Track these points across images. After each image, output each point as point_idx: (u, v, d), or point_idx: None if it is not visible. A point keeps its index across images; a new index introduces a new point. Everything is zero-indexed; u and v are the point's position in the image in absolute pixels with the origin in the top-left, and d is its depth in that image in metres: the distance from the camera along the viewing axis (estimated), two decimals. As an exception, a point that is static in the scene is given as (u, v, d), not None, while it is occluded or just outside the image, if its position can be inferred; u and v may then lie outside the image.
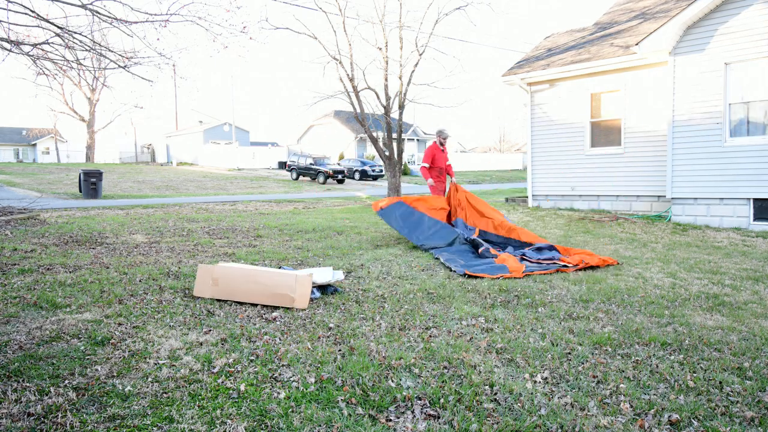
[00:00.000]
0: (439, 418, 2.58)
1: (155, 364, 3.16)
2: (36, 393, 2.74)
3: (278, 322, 3.99)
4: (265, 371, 3.06)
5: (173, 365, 3.14)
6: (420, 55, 15.73)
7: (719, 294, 4.93)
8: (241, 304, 4.48)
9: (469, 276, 5.60)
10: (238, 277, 4.57)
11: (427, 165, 8.81)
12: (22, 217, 10.27)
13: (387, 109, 16.05)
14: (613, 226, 9.88)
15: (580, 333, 3.81)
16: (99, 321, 3.94)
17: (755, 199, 9.48)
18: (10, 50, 8.94)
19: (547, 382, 2.98)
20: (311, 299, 4.58)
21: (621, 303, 4.64)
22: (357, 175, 34.14)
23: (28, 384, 2.84)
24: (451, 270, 5.95)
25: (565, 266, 5.97)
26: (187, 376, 2.99)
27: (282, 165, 40.89)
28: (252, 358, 3.27)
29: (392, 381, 2.95)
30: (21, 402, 2.64)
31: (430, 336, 3.71)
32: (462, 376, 3.03)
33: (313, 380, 2.95)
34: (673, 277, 5.69)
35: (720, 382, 2.97)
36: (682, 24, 9.80)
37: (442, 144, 8.92)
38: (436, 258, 6.61)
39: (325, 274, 4.98)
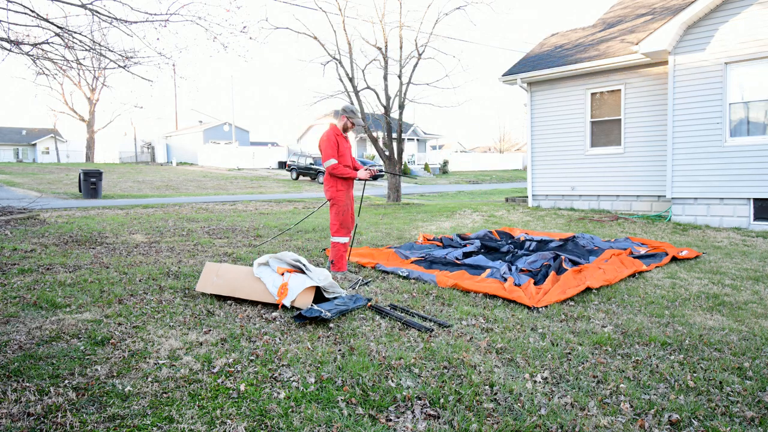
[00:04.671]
0: (439, 418, 2.58)
1: (155, 364, 3.16)
2: (36, 393, 2.74)
3: (278, 322, 3.99)
4: (265, 371, 3.06)
5: (173, 365, 3.14)
6: (420, 54, 15.74)
7: (719, 294, 4.93)
8: (240, 303, 4.48)
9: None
10: (242, 276, 4.60)
11: (334, 160, 5.43)
12: (22, 217, 10.27)
13: (387, 109, 16.06)
14: (613, 225, 9.87)
15: (580, 333, 3.81)
16: (99, 321, 3.94)
17: (755, 199, 9.48)
18: (10, 50, 8.94)
19: (547, 382, 2.98)
20: (325, 310, 4.57)
21: (621, 303, 4.64)
22: (357, 175, 34.10)
23: (28, 384, 2.84)
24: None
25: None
26: (187, 376, 2.99)
27: (282, 165, 40.89)
28: (252, 358, 3.27)
29: (392, 381, 2.95)
30: (21, 402, 2.64)
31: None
32: (462, 376, 3.02)
33: (313, 380, 2.95)
34: (673, 277, 5.68)
35: (720, 382, 2.97)
36: (683, 24, 9.80)
37: (346, 129, 5.62)
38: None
39: (321, 275, 4.94)
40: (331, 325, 3.93)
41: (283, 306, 4.30)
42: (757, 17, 9.19)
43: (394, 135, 16.39)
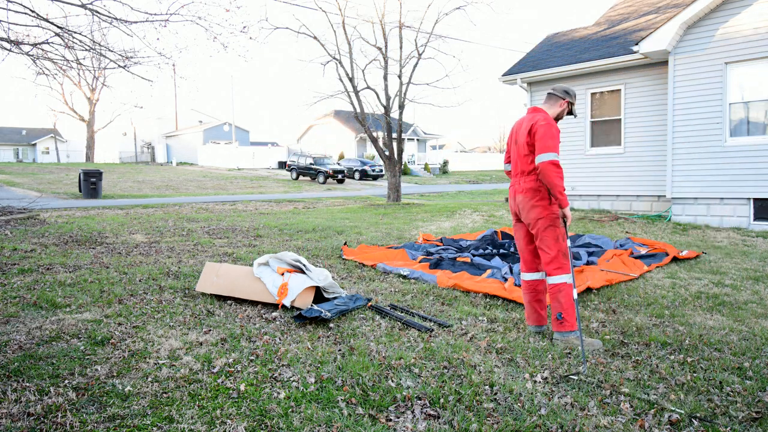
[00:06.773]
0: (439, 418, 2.58)
1: (155, 364, 3.16)
2: (36, 393, 2.74)
3: (278, 322, 3.99)
4: (265, 371, 3.06)
5: (173, 365, 3.14)
6: (420, 54, 15.73)
7: (719, 294, 4.93)
8: (240, 303, 4.48)
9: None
10: (242, 276, 4.60)
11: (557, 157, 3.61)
12: (22, 217, 10.27)
13: (387, 109, 16.05)
14: (613, 225, 9.87)
15: (580, 333, 3.81)
16: (99, 321, 3.94)
17: (755, 199, 9.48)
18: (10, 50, 8.95)
19: (547, 382, 2.98)
20: (323, 309, 4.57)
21: (621, 303, 4.63)
22: (357, 175, 34.16)
23: (28, 384, 2.84)
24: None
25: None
26: (187, 376, 2.99)
27: (282, 165, 40.90)
28: (252, 358, 3.27)
29: (392, 381, 2.95)
30: (21, 402, 2.64)
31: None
32: (462, 376, 3.02)
33: (313, 380, 2.95)
34: (673, 277, 5.68)
35: (720, 382, 2.97)
36: (683, 24, 9.80)
37: (559, 119, 3.84)
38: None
39: (321, 275, 4.94)
40: (331, 325, 3.93)
41: (283, 306, 4.30)
42: (757, 17, 9.19)
43: (394, 135, 16.39)
